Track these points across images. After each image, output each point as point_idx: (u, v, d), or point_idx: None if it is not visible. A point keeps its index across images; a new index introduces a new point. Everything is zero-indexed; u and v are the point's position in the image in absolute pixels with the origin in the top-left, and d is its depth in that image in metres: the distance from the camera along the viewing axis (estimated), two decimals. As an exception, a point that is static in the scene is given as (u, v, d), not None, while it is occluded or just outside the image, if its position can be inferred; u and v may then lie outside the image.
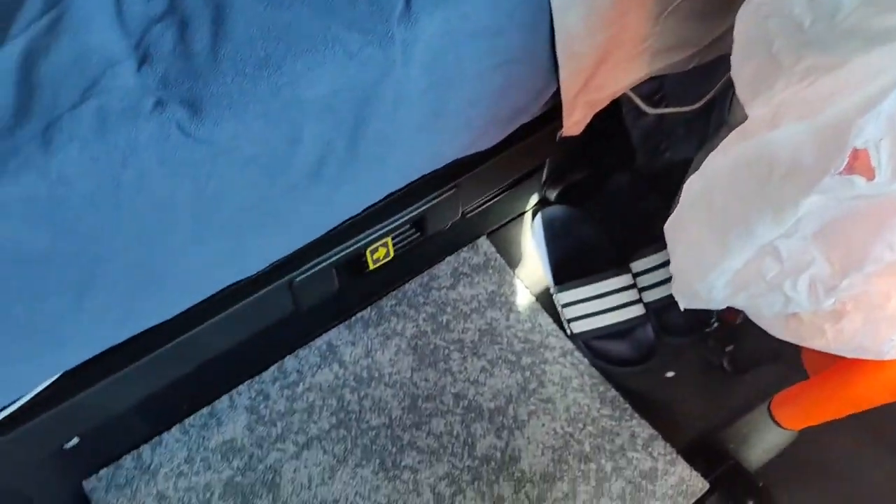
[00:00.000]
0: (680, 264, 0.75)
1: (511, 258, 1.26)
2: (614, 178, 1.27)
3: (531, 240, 1.27)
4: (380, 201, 0.77)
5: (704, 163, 0.68)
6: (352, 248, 0.81)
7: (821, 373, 0.87)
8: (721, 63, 0.92)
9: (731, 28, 0.88)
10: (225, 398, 1.10)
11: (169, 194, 0.57)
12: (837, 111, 0.54)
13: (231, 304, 0.77)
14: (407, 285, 1.21)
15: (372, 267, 0.88)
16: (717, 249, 0.66)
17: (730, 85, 1.00)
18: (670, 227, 0.75)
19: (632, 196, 1.26)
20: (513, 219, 1.30)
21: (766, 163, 0.60)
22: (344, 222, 0.76)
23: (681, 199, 0.72)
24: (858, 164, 0.55)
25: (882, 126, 0.53)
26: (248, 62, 0.56)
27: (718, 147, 0.67)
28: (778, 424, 0.95)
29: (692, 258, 0.71)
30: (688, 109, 0.90)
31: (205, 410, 1.09)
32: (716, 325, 1.14)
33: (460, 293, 1.21)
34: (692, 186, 0.70)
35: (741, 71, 0.66)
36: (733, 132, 0.66)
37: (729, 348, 1.13)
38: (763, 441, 1.07)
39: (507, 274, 1.23)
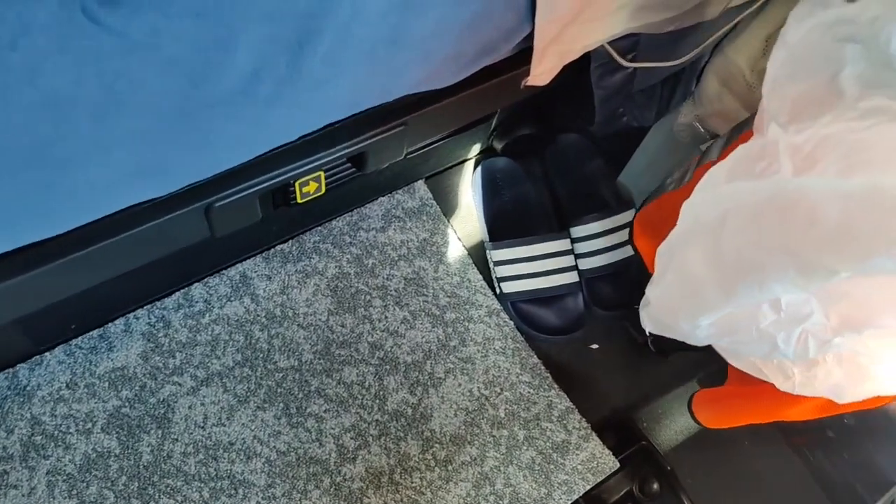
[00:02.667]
0: (666, 294, 0.68)
1: (447, 206, 1.19)
2: (563, 138, 1.22)
3: (470, 190, 1.21)
4: (317, 131, 0.69)
5: (717, 187, 0.60)
6: (279, 179, 0.73)
7: (744, 382, 0.84)
8: (696, 31, 0.87)
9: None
10: (120, 321, 1.00)
11: (68, 89, 0.48)
12: None
13: (137, 224, 0.68)
14: (334, 222, 1.13)
15: (300, 201, 0.79)
16: (719, 294, 0.60)
17: (700, 57, 0.95)
18: (664, 252, 0.68)
19: (578, 158, 1.21)
20: (454, 165, 1.23)
21: (806, 216, 0.52)
22: (274, 149, 0.67)
23: (680, 221, 0.65)
24: None
25: None
26: (181, -56, 0.46)
27: (732, 167, 0.59)
28: (698, 422, 0.94)
29: (684, 293, 0.65)
30: (665, 65, 0.84)
31: (95, 333, 0.99)
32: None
33: (390, 237, 1.14)
34: (697, 211, 0.62)
35: (785, 88, 0.57)
36: (749, 147, 0.57)
37: (656, 327, 1.11)
38: (676, 424, 1.07)
39: (442, 223, 1.17)
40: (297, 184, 0.76)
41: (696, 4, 0.81)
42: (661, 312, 0.72)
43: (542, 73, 0.75)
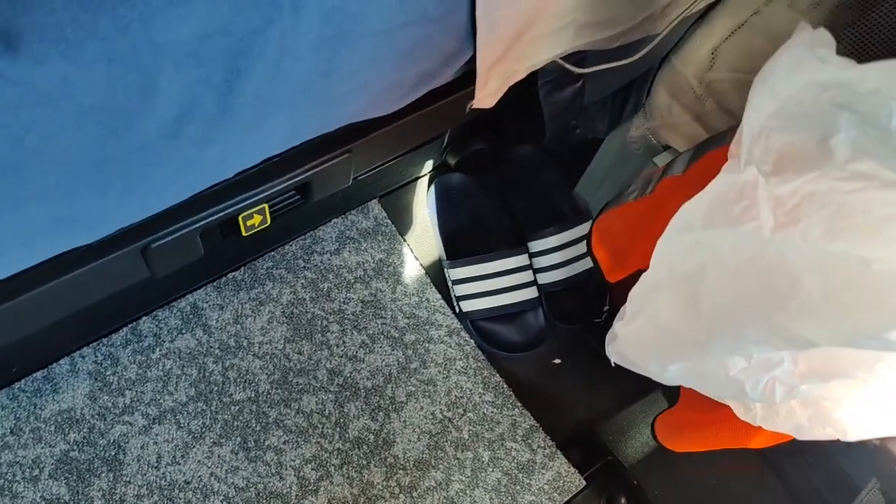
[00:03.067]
0: (636, 335, 0.67)
1: (403, 225, 1.17)
2: (518, 151, 1.20)
3: (425, 208, 1.19)
4: (256, 165, 0.66)
5: (693, 231, 0.58)
6: (220, 215, 0.70)
7: (699, 401, 0.83)
8: (643, 43, 0.86)
9: (663, 10, 0.82)
10: (65, 361, 0.97)
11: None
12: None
13: (69, 270, 0.64)
14: (287, 246, 1.10)
15: (245, 234, 0.77)
16: (693, 346, 0.59)
17: (650, 70, 0.94)
18: (638, 295, 0.66)
19: (534, 170, 1.20)
20: (408, 182, 1.21)
21: (786, 285, 0.50)
22: (211, 187, 0.64)
23: (655, 264, 0.63)
24: None
25: None
26: (88, -14, 0.43)
27: (709, 207, 0.56)
28: (661, 445, 0.93)
29: (656, 339, 0.64)
30: (616, 65, 0.82)
31: (39, 374, 0.95)
32: (605, 314, 1.11)
33: (345, 259, 1.11)
34: (673, 258, 0.60)
35: (772, 139, 0.54)
36: (726, 184, 0.54)
37: (617, 339, 1.10)
38: (641, 436, 1.06)
39: (398, 242, 1.15)
40: (240, 218, 0.74)
41: (641, 20, 0.80)
42: (629, 351, 0.71)
43: (487, 95, 0.73)
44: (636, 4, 0.77)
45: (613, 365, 0.74)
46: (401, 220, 1.17)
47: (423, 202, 1.20)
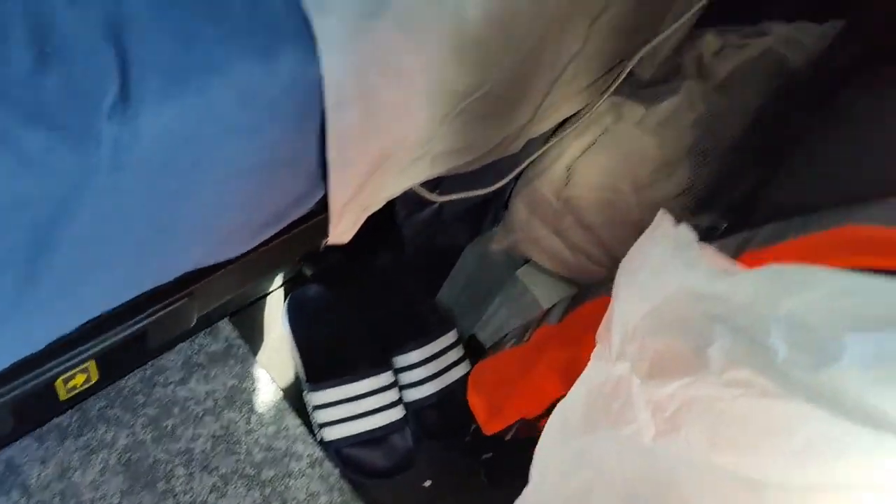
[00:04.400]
0: None
1: (257, 345, 1.09)
2: (377, 259, 1.16)
3: (281, 325, 1.11)
4: (77, 328, 0.57)
5: (575, 438, 0.54)
6: (32, 384, 0.60)
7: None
8: (500, 162, 0.85)
9: (520, 131, 0.81)
10: None
11: None
12: (785, 478, 0.42)
13: None
14: (123, 381, 0.99)
15: (64, 397, 0.66)
16: None
17: (509, 184, 0.94)
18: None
19: (394, 279, 1.15)
20: (262, 297, 1.13)
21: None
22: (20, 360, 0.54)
23: (535, 473, 0.58)
24: None
25: None
26: None
27: (587, 406, 0.53)
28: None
29: None
30: (473, 194, 0.80)
31: None
32: (474, 428, 1.07)
33: (192, 390, 1.01)
34: (558, 473, 0.56)
35: (646, 340, 0.52)
36: (601, 377, 0.52)
37: (486, 456, 1.06)
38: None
39: (251, 365, 1.06)
40: (58, 381, 0.63)
41: (497, 143, 0.79)
42: None
43: (342, 231, 0.69)
44: (491, 130, 0.76)
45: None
46: (254, 340, 1.09)
47: (279, 318, 1.12)
